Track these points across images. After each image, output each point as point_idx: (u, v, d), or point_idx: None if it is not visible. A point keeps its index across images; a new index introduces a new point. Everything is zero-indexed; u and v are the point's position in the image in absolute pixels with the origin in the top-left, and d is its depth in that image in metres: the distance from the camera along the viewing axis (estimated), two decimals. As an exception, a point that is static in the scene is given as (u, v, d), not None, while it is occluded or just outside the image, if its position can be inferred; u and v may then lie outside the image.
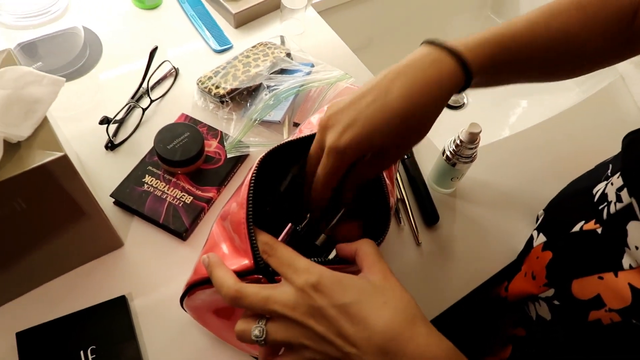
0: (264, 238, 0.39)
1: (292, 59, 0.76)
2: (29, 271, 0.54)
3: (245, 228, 0.39)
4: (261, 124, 0.69)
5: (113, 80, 0.75)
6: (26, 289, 0.55)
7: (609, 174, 0.52)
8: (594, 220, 0.49)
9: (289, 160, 0.49)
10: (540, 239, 0.57)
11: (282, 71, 0.74)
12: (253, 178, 0.41)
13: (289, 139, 0.45)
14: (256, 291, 0.36)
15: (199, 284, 0.43)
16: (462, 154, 0.63)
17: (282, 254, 0.38)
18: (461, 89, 0.41)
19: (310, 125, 0.50)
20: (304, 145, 0.46)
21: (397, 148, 0.42)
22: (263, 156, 0.43)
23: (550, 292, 0.52)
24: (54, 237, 0.52)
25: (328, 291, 0.35)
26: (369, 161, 0.42)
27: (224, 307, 0.45)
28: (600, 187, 0.52)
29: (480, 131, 0.61)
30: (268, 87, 0.69)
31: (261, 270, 0.39)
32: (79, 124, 0.69)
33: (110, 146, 0.67)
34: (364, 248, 0.39)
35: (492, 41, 0.42)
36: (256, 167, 0.42)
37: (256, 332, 0.36)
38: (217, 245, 0.43)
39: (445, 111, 1.13)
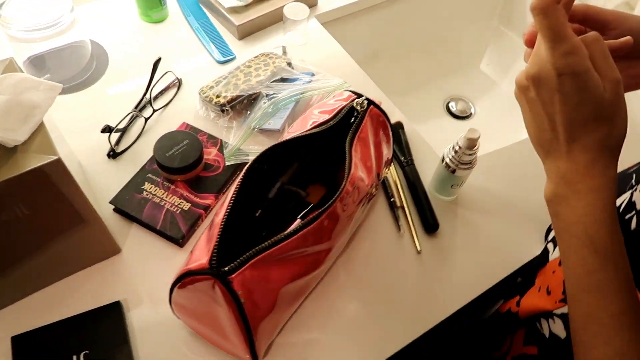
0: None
1: (292, 68, 0.77)
2: (27, 277, 0.55)
3: (218, 227, 0.40)
4: (260, 132, 0.69)
5: (119, 92, 0.77)
6: (23, 294, 0.56)
7: (634, 183, 0.50)
8: None
9: (278, 161, 0.49)
10: (557, 253, 0.55)
11: (283, 80, 0.74)
12: (239, 184, 0.42)
13: (275, 143, 0.46)
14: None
15: (176, 281, 0.43)
16: (462, 160, 0.62)
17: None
18: None
19: (297, 127, 0.50)
20: (291, 147, 0.47)
21: None
22: (250, 164, 0.44)
23: (567, 309, 0.49)
24: (52, 244, 0.52)
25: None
26: None
27: (204, 312, 0.45)
28: (625, 197, 0.49)
29: (479, 137, 0.60)
30: (267, 95, 0.70)
31: (213, 272, 0.39)
32: (84, 134, 0.70)
33: (112, 154, 0.68)
34: None
35: None
36: (243, 176, 0.43)
37: None
38: (195, 249, 0.44)
39: (451, 121, 1.13)
